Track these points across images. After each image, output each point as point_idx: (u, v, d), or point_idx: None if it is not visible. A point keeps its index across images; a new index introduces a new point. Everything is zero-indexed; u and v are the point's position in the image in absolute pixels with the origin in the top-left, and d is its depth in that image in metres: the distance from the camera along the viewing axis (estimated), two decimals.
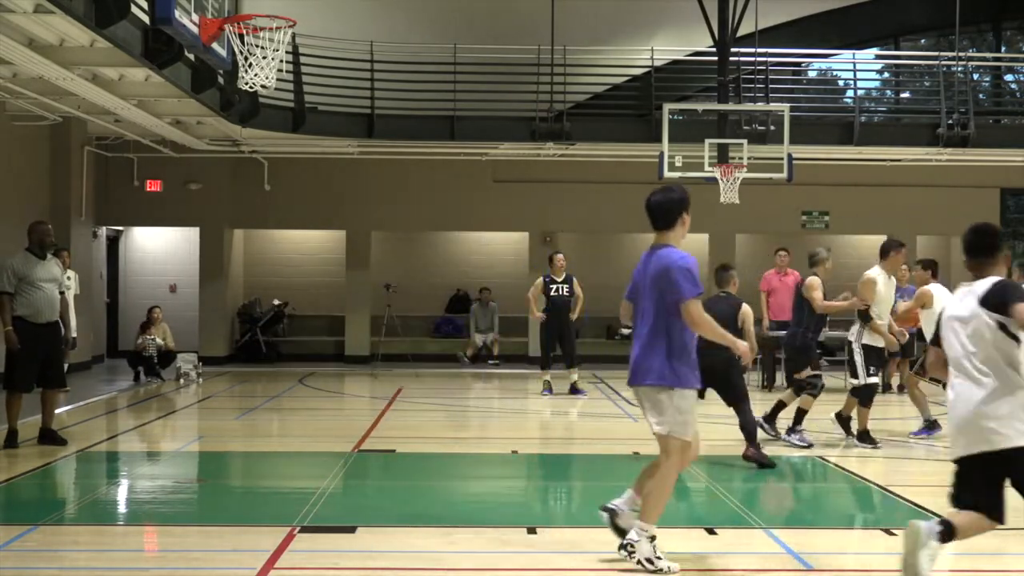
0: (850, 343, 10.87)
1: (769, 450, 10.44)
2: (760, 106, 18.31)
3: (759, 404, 14.82)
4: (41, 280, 10.23)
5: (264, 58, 10.98)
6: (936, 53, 21.61)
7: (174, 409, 14.33)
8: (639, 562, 6.06)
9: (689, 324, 6.13)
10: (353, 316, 21.33)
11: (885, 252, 10.85)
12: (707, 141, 17.13)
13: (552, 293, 15.49)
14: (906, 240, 21.61)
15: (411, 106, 18.67)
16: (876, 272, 10.74)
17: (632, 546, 6.11)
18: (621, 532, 6.31)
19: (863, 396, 10.72)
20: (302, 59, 17.46)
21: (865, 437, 10.70)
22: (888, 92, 24.99)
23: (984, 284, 5.51)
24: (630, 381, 6.32)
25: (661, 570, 6.02)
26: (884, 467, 10.12)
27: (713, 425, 11.65)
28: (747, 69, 19.10)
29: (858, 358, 10.69)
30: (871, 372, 10.67)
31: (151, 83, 13.80)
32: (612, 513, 6.42)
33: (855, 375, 10.77)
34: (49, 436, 10.37)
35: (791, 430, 10.87)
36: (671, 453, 6.19)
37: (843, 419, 11.07)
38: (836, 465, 9.65)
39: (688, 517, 8.03)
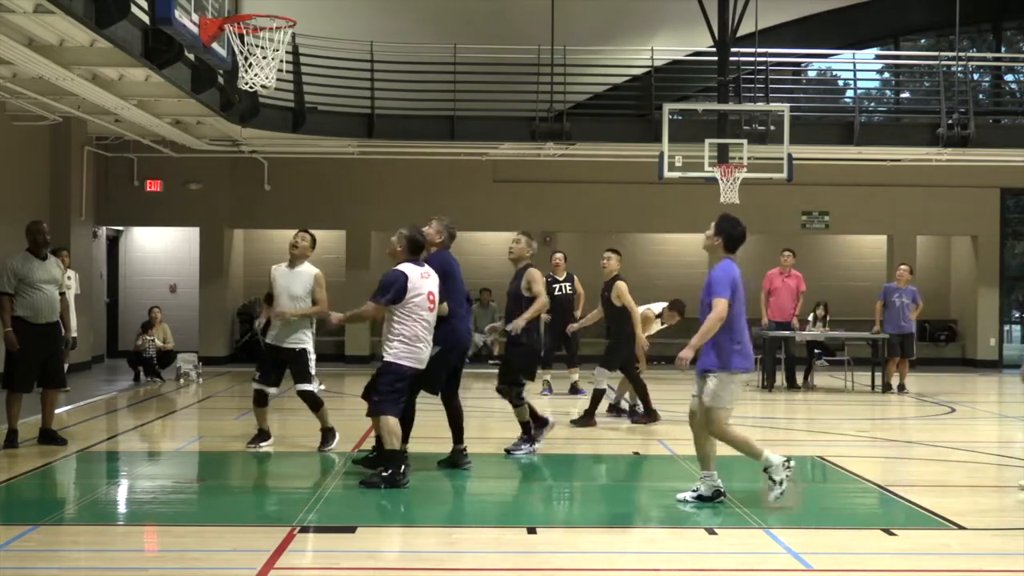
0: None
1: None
2: (760, 106, 18.30)
3: (759, 404, 14.86)
4: (41, 281, 10.20)
5: (264, 58, 10.97)
6: (936, 53, 21.62)
7: (174, 409, 14.32)
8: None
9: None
10: None
11: None
12: (707, 141, 17.13)
13: (556, 292, 15.42)
14: (906, 240, 21.96)
15: (411, 106, 18.67)
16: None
17: None
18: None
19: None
20: (302, 59, 17.46)
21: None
22: (888, 92, 25.00)
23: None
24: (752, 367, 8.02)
25: None
26: (884, 467, 10.13)
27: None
28: (747, 69, 19.09)
29: None
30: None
31: (151, 83, 13.80)
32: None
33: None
34: (49, 436, 10.37)
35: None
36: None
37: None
38: (836, 465, 9.65)
39: (688, 517, 8.03)
